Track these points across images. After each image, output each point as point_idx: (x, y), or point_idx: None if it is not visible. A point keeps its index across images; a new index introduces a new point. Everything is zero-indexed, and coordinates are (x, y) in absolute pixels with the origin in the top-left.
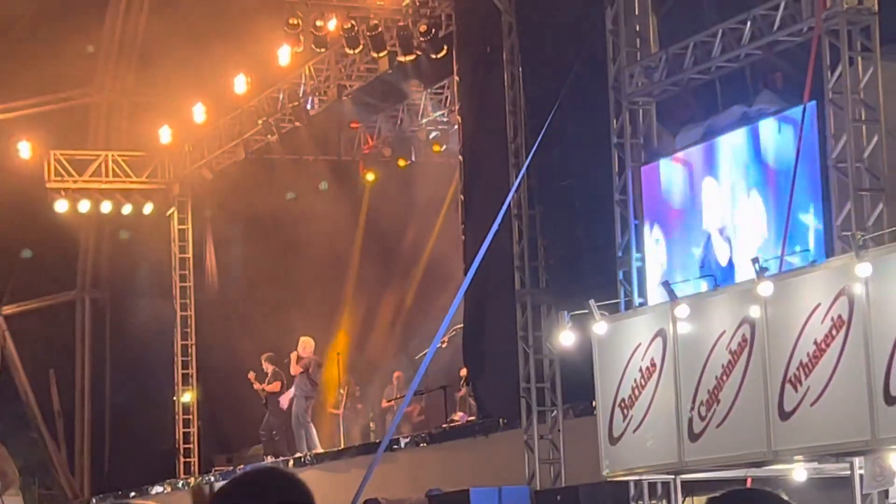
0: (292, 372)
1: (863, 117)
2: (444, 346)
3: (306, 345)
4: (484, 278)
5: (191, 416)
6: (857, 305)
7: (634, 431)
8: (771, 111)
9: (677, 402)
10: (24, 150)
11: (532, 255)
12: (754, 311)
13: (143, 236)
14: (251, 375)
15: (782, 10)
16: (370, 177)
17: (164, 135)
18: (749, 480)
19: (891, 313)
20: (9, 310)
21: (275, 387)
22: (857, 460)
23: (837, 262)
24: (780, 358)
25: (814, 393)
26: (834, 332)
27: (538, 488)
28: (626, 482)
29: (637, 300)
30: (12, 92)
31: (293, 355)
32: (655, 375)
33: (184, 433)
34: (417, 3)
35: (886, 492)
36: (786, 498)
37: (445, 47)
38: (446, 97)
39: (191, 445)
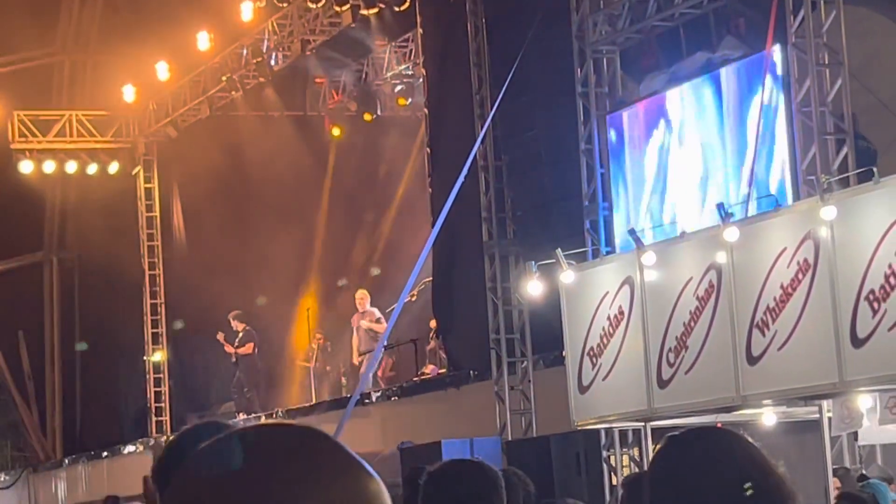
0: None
1: (826, 61)
2: (413, 299)
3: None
4: (451, 231)
5: (162, 375)
6: (823, 249)
7: (604, 380)
8: (735, 57)
9: (646, 350)
10: None
11: (499, 207)
12: (720, 257)
13: (109, 195)
14: (220, 337)
15: None
16: (336, 132)
17: (128, 93)
18: (719, 425)
19: (856, 256)
20: None
21: (247, 349)
22: (825, 403)
23: (802, 206)
24: (746, 303)
25: (781, 337)
26: (800, 276)
27: (509, 439)
28: (597, 430)
29: (604, 249)
30: None
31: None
32: (623, 323)
33: (155, 392)
34: None
35: (855, 434)
36: (748, 438)
37: (408, 0)
38: (410, 50)
39: (162, 404)
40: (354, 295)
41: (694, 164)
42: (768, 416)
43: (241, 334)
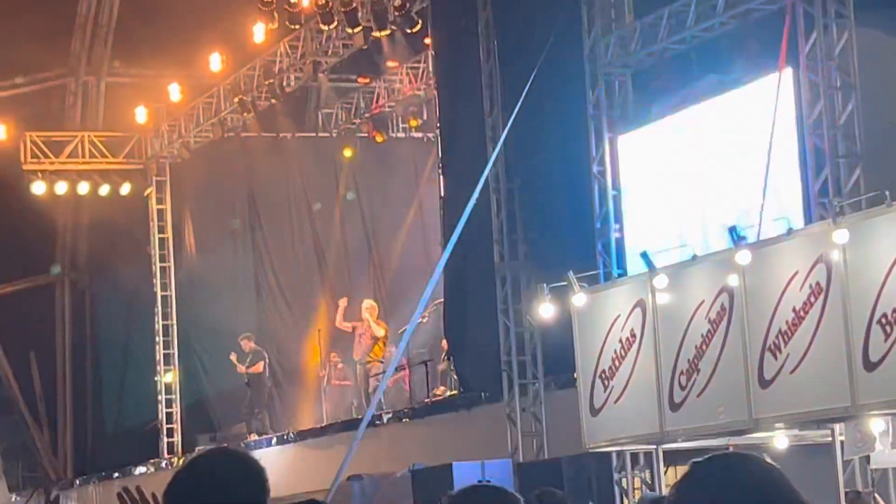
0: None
1: (838, 84)
2: (424, 320)
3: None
4: (463, 252)
5: (173, 396)
6: (835, 272)
7: (616, 402)
8: (746, 79)
9: (657, 372)
10: (0, 132)
11: (511, 229)
12: (733, 280)
13: (121, 216)
14: (233, 357)
15: None
16: (348, 153)
17: (141, 114)
18: (731, 448)
19: (869, 279)
20: None
21: (257, 368)
22: (837, 426)
23: (815, 229)
24: (759, 326)
25: (793, 360)
26: (812, 298)
27: (521, 461)
28: (609, 453)
29: (616, 271)
30: None
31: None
32: (635, 346)
33: (166, 413)
34: None
35: (867, 457)
36: (769, 460)
37: (420, 22)
38: (422, 72)
39: (174, 425)
40: (362, 304)
41: (706, 186)
42: (780, 440)
43: (251, 355)
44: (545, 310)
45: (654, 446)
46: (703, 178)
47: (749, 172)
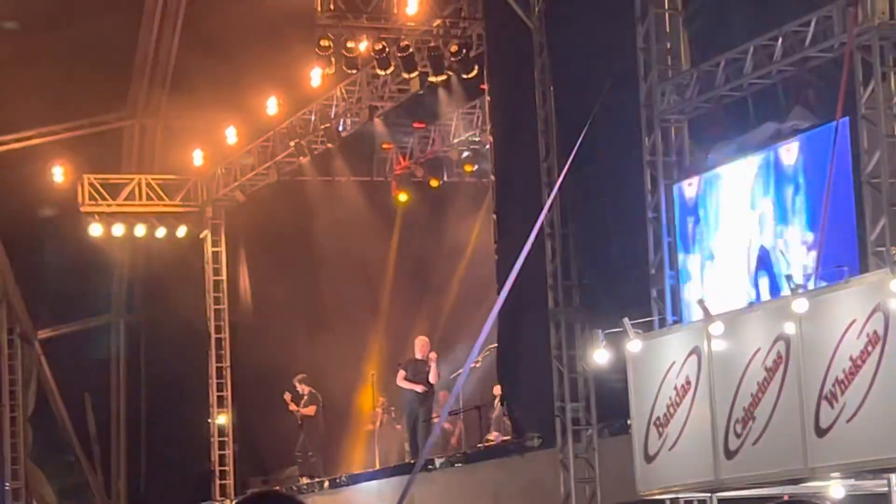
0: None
1: None
2: (478, 365)
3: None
4: (517, 297)
5: (226, 438)
6: (893, 321)
7: (670, 449)
8: (803, 128)
9: (713, 420)
10: (58, 174)
11: (565, 274)
12: (789, 328)
13: (176, 259)
14: (287, 396)
15: (814, 26)
16: (402, 197)
17: (197, 158)
18: (786, 498)
19: None
20: (45, 334)
21: (310, 410)
22: (894, 476)
23: (872, 278)
24: (815, 374)
25: (850, 409)
26: (870, 347)
27: None
28: (663, 501)
29: (671, 318)
30: (46, 117)
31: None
32: (690, 393)
33: (219, 455)
34: (448, 24)
35: None
36: None
37: (476, 67)
38: (478, 117)
39: (227, 467)
40: (415, 341)
41: (763, 234)
42: (836, 489)
43: (305, 397)
44: (600, 356)
45: (709, 494)
46: (761, 227)
47: (806, 221)
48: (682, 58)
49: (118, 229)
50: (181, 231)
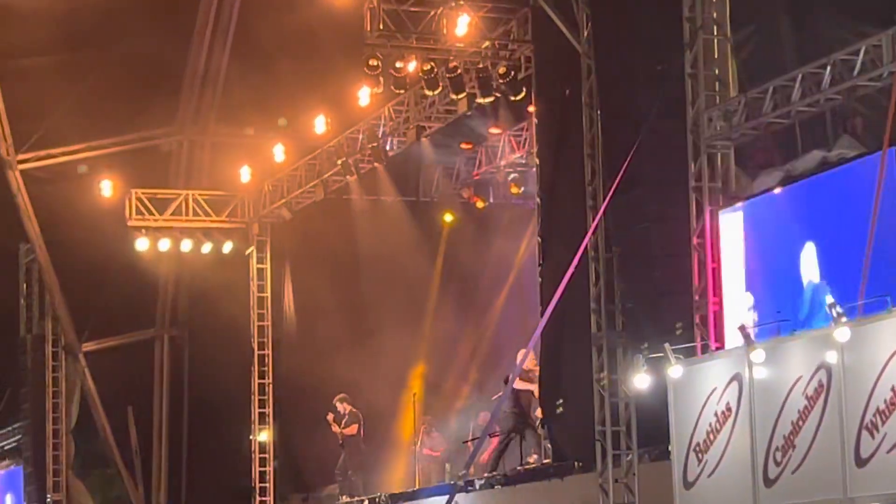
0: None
1: None
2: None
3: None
4: (560, 320)
5: (267, 455)
6: None
7: (709, 476)
8: (851, 156)
9: (752, 448)
10: (107, 188)
11: (608, 298)
12: (831, 357)
13: (222, 275)
14: (330, 417)
15: (862, 54)
16: (448, 218)
17: (245, 174)
18: None
19: None
20: (89, 347)
21: (352, 430)
22: None
23: None
24: (856, 404)
25: (891, 440)
26: None
27: None
28: None
29: (713, 344)
30: (95, 131)
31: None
32: (731, 420)
33: (260, 472)
34: (497, 46)
35: None
36: None
37: (524, 89)
38: (525, 139)
39: (267, 484)
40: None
41: (807, 264)
42: None
43: (346, 416)
44: (641, 380)
45: None
46: (804, 256)
47: (852, 250)
48: (730, 84)
49: (164, 244)
50: (227, 247)
